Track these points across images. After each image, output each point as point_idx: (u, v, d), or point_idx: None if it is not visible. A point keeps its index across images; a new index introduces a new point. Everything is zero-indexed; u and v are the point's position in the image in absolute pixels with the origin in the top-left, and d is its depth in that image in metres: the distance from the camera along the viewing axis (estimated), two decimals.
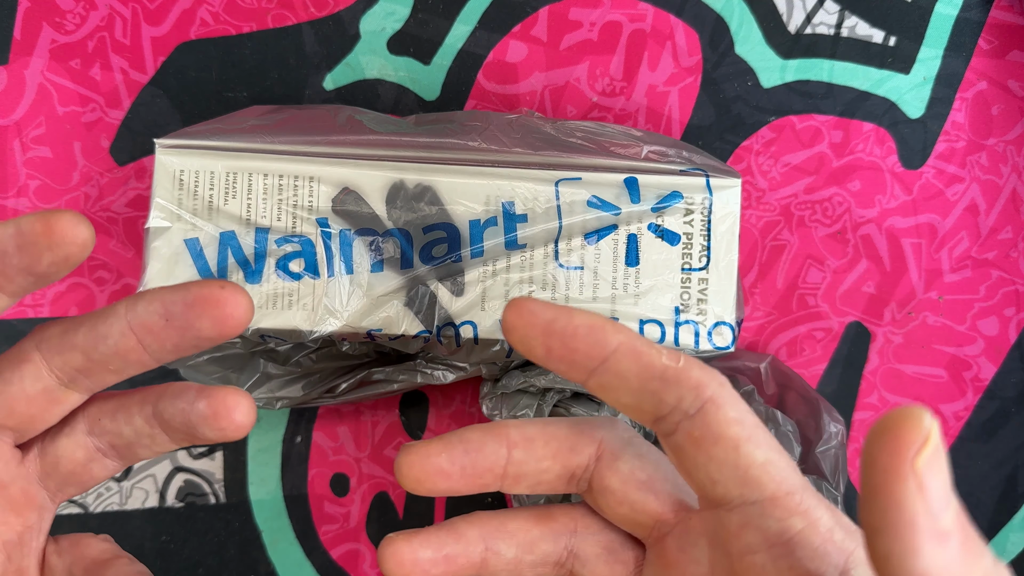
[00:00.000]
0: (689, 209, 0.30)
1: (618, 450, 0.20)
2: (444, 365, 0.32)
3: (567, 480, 0.21)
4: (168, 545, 0.35)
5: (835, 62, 0.37)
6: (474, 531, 0.20)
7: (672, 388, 0.18)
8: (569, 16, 0.36)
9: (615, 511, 0.21)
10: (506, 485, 0.20)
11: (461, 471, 0.20)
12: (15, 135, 0.35)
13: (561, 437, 0.20)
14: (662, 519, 0.20)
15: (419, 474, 0.20)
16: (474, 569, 0.20)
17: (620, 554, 0.21)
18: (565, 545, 0.21)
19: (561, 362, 0.19)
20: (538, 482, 0.20)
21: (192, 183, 0.29)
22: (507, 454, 0.20)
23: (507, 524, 0.21)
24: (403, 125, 0.31)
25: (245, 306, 0.18)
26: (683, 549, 0.20)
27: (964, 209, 0.38)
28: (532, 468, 0.20)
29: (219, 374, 0.31)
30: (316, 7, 0.36)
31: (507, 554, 0.21)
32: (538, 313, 0.18)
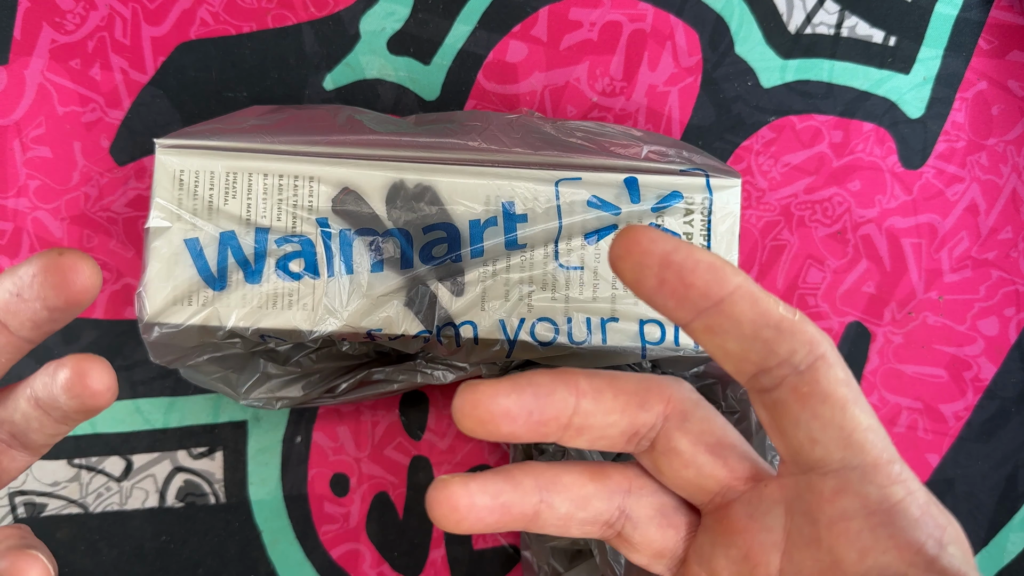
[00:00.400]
0: (689, 209, 0.30)
1: (688, 410, 0.20)
2: (444, 365, 0.32)
3: (629, 438, 0.20)
4: (168, 545, 0.35)
5: (835, 62, 0.37)
6: (530, 481, 0.19)
7: (786, 339, 0.18)
8: (569, 16, 0.36)
9: (678, 474, 0.20)
10: (567, 437, 0.19)
11: (527, 416, 0.18)
12: (15, 135, 0.35)
13: (630, 392, 0.19)
14: (730, 485, 0.20)
15: (483, 415, 0.18)
16: (526, 520, 0.20)
17: (673, 518, 0.21)
18: (618, 505, 0.20)
19: (671, 297, 0.18)
20: (600, 436, 0.19)
21: (192, 183, 0.29)
22: (575, 403, 0.19)
23: (562, 477, 0.20)
24: (403, 125, 0.31)
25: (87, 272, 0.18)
26: (753, 516, 0.19)
27: (964, 209, 0.38)
28: (598, 421, 0.19)
29: (219, 374, 0.31)
30: (316, 7, 0.36)
31: (560, 508, 0.20)
32: (657, 242, 0.17)
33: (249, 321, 0.29)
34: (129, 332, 0.35)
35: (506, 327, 0.29)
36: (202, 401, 0.35)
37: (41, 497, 0.35)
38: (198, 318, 0.28)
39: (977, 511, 0.38)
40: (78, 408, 0.20)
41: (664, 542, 0.20)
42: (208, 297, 0.28)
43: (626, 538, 0.20)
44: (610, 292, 0.29)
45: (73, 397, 0.19)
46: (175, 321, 0.28)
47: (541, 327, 0.29)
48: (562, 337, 0.29)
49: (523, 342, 0.29)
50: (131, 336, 0.35)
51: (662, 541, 0.20)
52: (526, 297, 0.29)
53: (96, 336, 0.35)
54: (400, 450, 0.36)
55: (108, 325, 0.35)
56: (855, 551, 0.17)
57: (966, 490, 0.38)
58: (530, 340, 0.29)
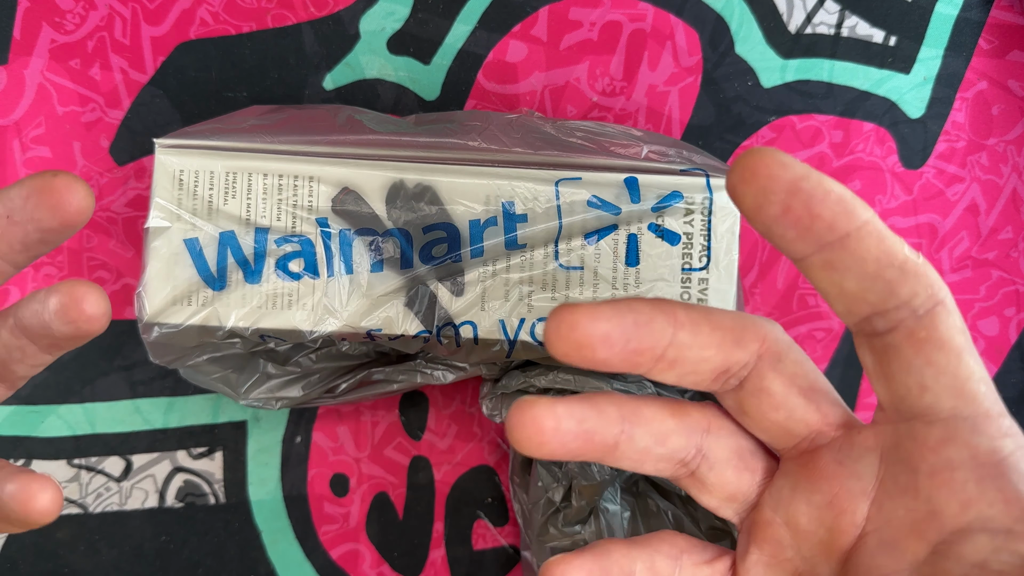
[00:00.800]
0: (689, 209, 0.30)
1: (782, 352, 0.19)
2: (444, 365, 0.32)
3: (718, 375, 0.19)
4: (168, 545, 0.35)
5: (835, 62, 0.37)
6: (614, 410, 0.19)
7: (909, 281, 0.17)
8: (569, 16, 0.36)
9: (766, 416, 0.19)
10: (657, 369, 0.18)
11: (625, 343, 0.18)
12: (15, 135, 0.35)
13: (726, 327, 0.18)
14: (820, 431, 0.19)
15: (581, 338, 0.17)
16: (605, 450, 0.19)
17: (749, 461, 0.20)
18: (696, 444, 0.20)
19: (795, 226, 0.17)
20: (691, 371, 0.19)
21: (192, 183, 0.29)
22: (672, 335, 0.18)
23: (643, 410, 0.19)
24: (403, 125, 0.31)
25: (81, 193, 0.18)
26: (842, 463, 0.19)
27: (964, 209, 0.38)
28: (693, 355, 0.18)
29: (219, 374, 0.31)
30: (316, 7, 0.36)
31: (639, 442, 0.19)
32: (788, 166, 0.16)
33: (249, 321, 0.29)
34: (129, 332, 0.35)
35: (506, 327, 0.29)
36: (202, 401, 0.35)
37: None
38: (198, 318, 0.28)
39: None
40: (71, 334, 0.19)
41: (738, 485, 0.20)
42: (208, 297, 0.28)
43: (700, 479, 0.20)
44: (610, 292, 0.29)
45: (67, 323, 0.19)
46: (175, 321, 0.28)
47: (541, 327, 0.29)
48: None
49: (523, 342, 0.29)
50: (131, 336, 0.35)
51: (736, 484, 0.20)
52: (526, 297, 0.29)
53: (96, 336, 0.35)
54: (400, 450, 0.36)
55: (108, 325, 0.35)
56: (957, 502, 0.17)
57: None
58: (530, 340, 0.29)
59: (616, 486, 0.32)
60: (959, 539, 0.17)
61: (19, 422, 0.35)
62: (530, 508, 0.33)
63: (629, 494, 0.33)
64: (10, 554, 0.34)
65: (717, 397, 0.20)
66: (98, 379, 0.35)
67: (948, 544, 0.17)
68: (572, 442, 0.18)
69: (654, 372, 0.19)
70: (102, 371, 0.35)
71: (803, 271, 0.18)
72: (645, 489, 0.33)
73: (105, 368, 0.35)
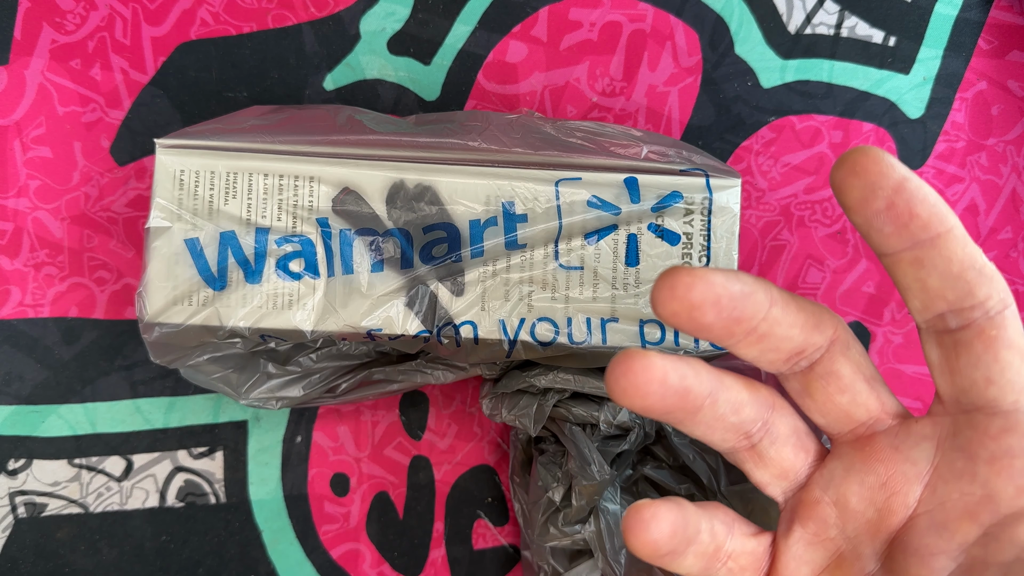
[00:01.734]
0: (689, 209, 0.30)
1: (850, 341, 0.20)
2: (444, 365, 0.32)
3: (793, 355, 0.20)
4: (168, 545, 0.35)
5: (835, 62, 0.37)
6: (707, 374, 0.20)
7: (986, 284, 0.18)
8: (569, 16, 0.36)
9: (831, 398, 0.21)
10: (747, 342, 0.20)
11: (732, 309, 0.19)
12: (15, 135, 0.35)
13: (809, 311, 0.20)
14: (879, 417, 0.21)
15: (696, 299, 0.18)
16: (693, 411, 0.20)
17: (806, 442, 0.21)
18: (764, 417, 0.21)
19: (895, 223, 0.18)
20: (774, 348, 0.20)
21: (192, 183, 0.29)
22: (767, 309, 0.19)
23: (724, 379, 0.20)
24: (403, 125, 0.31)
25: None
26: (898, 448, 0.20)
27: (964, 209, 0.38)
28: (780, 332, 0.20)
29: (219, 374, 0.31)
30: (316, 7, 0.36)
31: (720, 407, 0.20)
32: (896, 167, 0.18)
33: (249, 321, 0.29)
34: (129, 332, 0.35)
35: (506, 327, 0.29)
36: (202, 401, 0.35)
37: (41, 497, 0.35)
38: (198, 318, 0.28)
39: None
40: None
41: (793, 462, 0.21)
42: (208, 297, 0.29)
43: (760, 452, 0.21)
44: (610, 292, 0.29)
45: None
46: (175, 321, 0.28)
47: (541, 327, 0.29)
48: (562, 337, 0.29)
49: (523, 342, 0.29)
50: (131, 336, 0.35)
51: (792, 461, 0.21)
52: (526, 297, 0.29)
53: (96, 336, 0.35)
54: (400, 450, 0.36)
55: (108, 325, 0.35)
56: (1014, 487, 0.18)
57: None
58: (530, 340, 0.29)
59: (616, 486, 0.32)
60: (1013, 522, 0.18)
61: (20, 422, 0.35)
62: (530, 508, 0.33)
63: (629, 494, 0.33)
64: (11, 554, 0.34)
65: (781, 380, 0.21)
66: (99, 379, 0.35)
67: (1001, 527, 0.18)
68: (671, 396, 0.19)
69: (742, 345, 0.20)
70: (103, 371, 0.35)
71: (888, 266, 0.19)
72: (645, 489, 0.33)
73: (106, 368, 0.35)
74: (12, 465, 0.35)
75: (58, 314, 0.35)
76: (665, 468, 0.33)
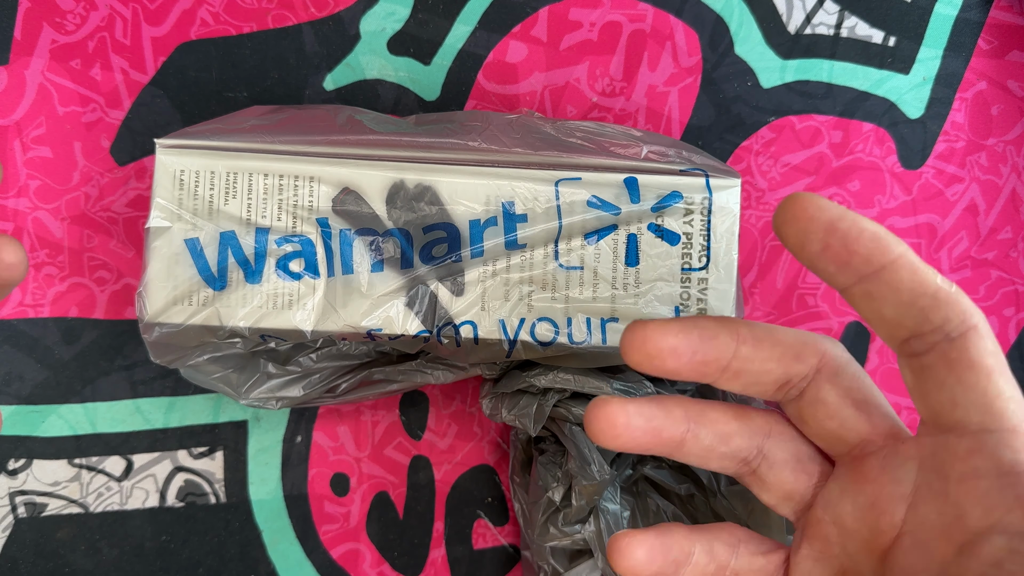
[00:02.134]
0: (689, 209, 0.30)
1: (839, 367, 0.21)
2: (444, 365, 0.32)
3: (780, 385, 0.21)
4: (168, 545, 0.35)
5: (835, 62, 0.37)
6: (680, 410, 0.21)
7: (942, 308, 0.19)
8: (569, 16, 0.36)
9: (822, 424, 0.21)
10: (724, 379, 0.21)
11: (692, 355, 0.20)
12: (15, 135, 0.35)
13: (788, 343, 0.21)
14: (869, 439, 0.21)
15: (652, 350, 0.20)
16: (673, 446, 0.21)
17: (807, 465, 0.22)
18: (758, 445, 0.22)
19: (834, 262, 0.19)
20: (755, 382, 0.21)
21: (192, 183, 0.29)
22: (735, 348, 0.20)
23: (708, 412, 0.21)
24: (403, 125, 0.31)
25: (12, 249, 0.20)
26: (885, 469, 0.20)
27: (964, 209, 0.38)
28: (755, 367, 0.21)
29: (219, 374, 0.31)
30: (316, 7, 0.36)
31: (704, 440, 0.21)
32: (825, 209, 0.19)
33: (249, 321, 0.29)
34: (129, 332, 0.35)
35: (506, 327, 0.29)
36: (202, 401, 0.35)
37: (41, 497, 0.35)
38: (198, 318, 0.28)
39: None
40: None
41: (795, 485, 0.22)
42: (208, 297, 0.29)
43: (760, 477, 0.22)
44: (610, 292, 0.29)
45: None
46: (175, 321, 0.28)
47: (541, 327, 0.29)
48: (562, 337, 0.29)
49: (523, 342, 0.29)
50: (131, 336, 0.35)
51: (793, 484, 0.22)
52: (526, 297, 0.29)
53: (96, 336, 0.35)
54: (400, 450, 0.36)
55: (108, 325, 0.35)
56: (981, 507, 0.18)
57: None
58: (530, 340, 0.29)
59: (616, 486, 0.32)
60: (980, 540, 0.18)
61: (20, 422, 0.35)
62: (530, 508, 0.33)
63: (629, 494, 0.33)
64: (11, 554, 0.34)
65: (781, 406, 0.22)
66: (99, 379, 0.35)
67: (971, 544, 0.18)
68: (641, 437, 0.21)
69: (721, 381, 0.21)
70: (103, 371, 0.35)
71: (848, 300, 0.20)
72: (645, 489, 0.33)
73: (106, 368, 0.35)
74: (12, 465, 0.35)
75: (58, 314, 0.35)
76: (665, 468, 0.33)
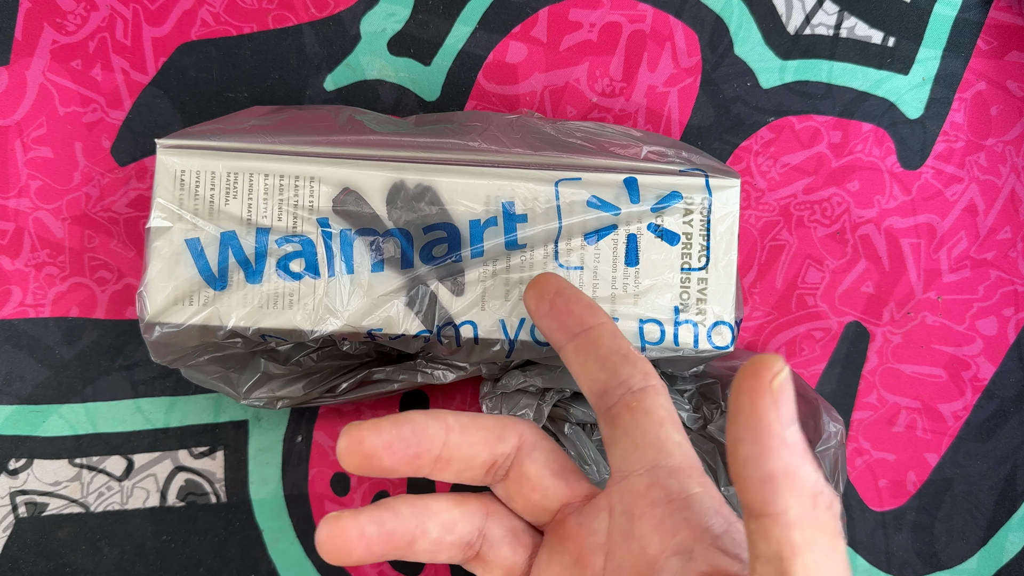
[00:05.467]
0: (688, 209, 0.30)
1: (536, 443, 0.23)
2: (444, 365, 0.32)
3: (488, 468, 0.23)
4: (169, 544, 0.35)
5: (834, 63, 0.37)
6: (407, 509, 0.22)
7: (628, 365, 0.23)
8: (569, 17, 0.36)
9: (527, 498, 0.23)
10: (437, 469, 0.22)
11: (406, 449, 0.21)
12: (16, 135, 0.35)
13: (490, 427, 0.23)
14: (569, 502, 0.23)
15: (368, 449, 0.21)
16: (405, 546, 0.22)
17: (522, 538, 0.24)
18: (479, 527, 0.23)
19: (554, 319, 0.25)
20: (466, 468, 0.23)
21: (193, 183, 0.29)
22: (445, 437, 0.22)
23: (431, 505, 0.23)
24: (403, 125, 0.31)
25: None
26: (582, 524, 0.22)
27: (963, 209, 0.38)
28: (464, 453, 0.22)
29: (220, 374, 0.31)
30: (317, 8, 0.36)
31: (432, 533, 0.22)
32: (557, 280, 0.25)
33: (250, 321, 0.29)
34: (130, 332, 0.35)
35: (506, 327, 0.29)
36: (203, 401, 0.36)
37: (42, 497, 0.35)
38: (199, 318, 0.29)
39: (976, 510, 0.38)
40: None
41: (514, 559, 0.23)
42: (209, 297, 0.29)
43: (483, 557, 0.23)
44: (610, 292, 0.29)
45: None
46: (176, 321, 0.29)
47: None
48: None
49: (523, 342, 0.29)
50: (132, 336, 0.35)
51: (512, 559, 0.23)
52: None
53: (97, 336, 0.35)
54: None
55: (109, 325, 0.35)
56: (658, 535, 0.21)
57: (965, 489, 0.38)
58: (530, 340, 0.29)
59: None
60: (661, 566, 0.20)
61: (21, 421, 0.35)
62: None
63: None
64: (12, 553, 0.35)
65: (492, 489, 0.24)
66: (100, 379, 0.35)
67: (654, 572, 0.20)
68: (376, 545, 0.22)
69: (435, 472, 0.22)
70: (104, 371, 0.35)
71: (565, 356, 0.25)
72: None
73: (107, 368, 0.35)
74: (13, 465, 0.35)
75: (59, 314, 0.35)
76: None
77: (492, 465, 0.23)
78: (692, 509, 0.21)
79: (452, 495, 0.23)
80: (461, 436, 0.22)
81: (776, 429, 0.17)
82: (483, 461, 0.23)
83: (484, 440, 0.23)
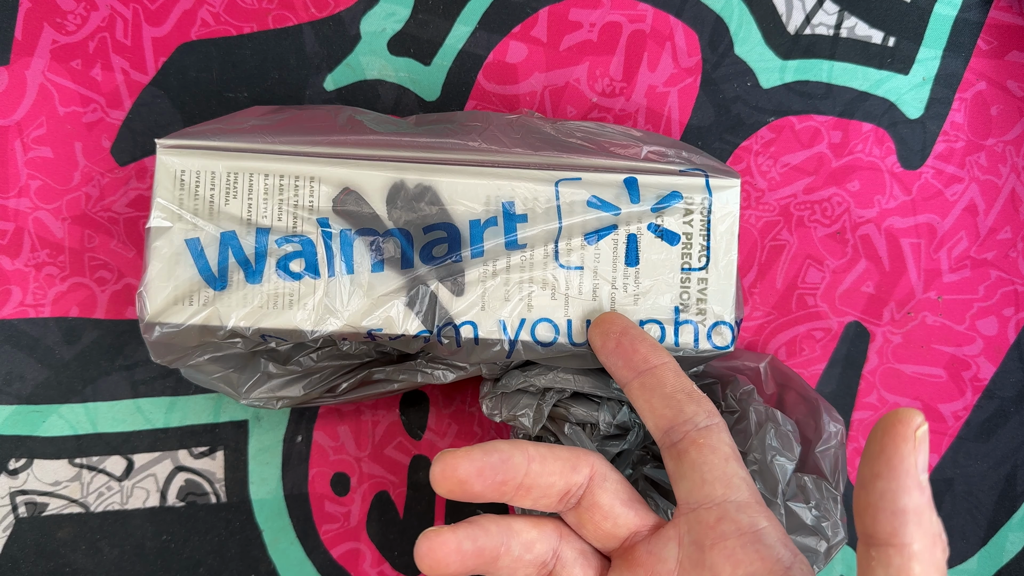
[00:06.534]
0: (689, 209, 0.30)
1: (606, 474, 0.25)
2: (444, 365, 0.32)
3: (563, 496, 0.24)
4: (169, 544, 0.35)
5: (834, 63, 0.37)
6: (495, 527, 0.24)
7: (694, 404, 0.25)
8: (569, 17, 0.36)
9: (598, 526, 0.25)
10: (518, 495, 0.24)
11: (494, 476, 0.23)
12: (16, 135, 0.35)
13: (565, 458, 0.24)
14: (638, 531, 0.25)
15: (462, 475, 0.23)
16: (491, 562, 0.24)
17: (592, 561, 0.25)
18: (554, 548, 0.25)
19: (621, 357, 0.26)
20: (543, 495, 0.24)
21: (193, 183, 0.29)
22: (527, 466, 0.23)
23: (513, 525, 0.24)
24: (403, 125, 0.31)
25: None
26: (651, 552, 0.24)
27: (963, 209, 0.38)
28: (544, 481, 0.24)
29: (220, 374, 0.31)
30: (317, 8, 0.36)
31: (514, 551, 0.24)
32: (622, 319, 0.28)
33: (250, 321, 0.29)
34: (130, 332, 0.35)
35: (506, 327, 0.29)
36: (203, 401, 0.36)
37: (42, 497, 0.35)
38: (199, 318, 0.29)
39: (976, 510, 0.38)
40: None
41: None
42: (209, 297, 0.29)
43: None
44: (610, 292, 0.29)
45: None
46: (176, 321, 0.29)
47: (541, 327, 0.29)
48: (562, 337, 0.29)
49: (523, 342, 0.29)
50: (132, 336, 0.35)
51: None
52: (526, 297, 0.29)
53: (97, 336, 0.35)
54: (400, 450, 0.36)
55: (109, 325, 0.35)
56: (730, 565, 0.22)
57: (965, 489, 0.38)
58: (530, 340, 0.29)
59: None
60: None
61: (21, 421, 0.35)
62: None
63: None
64: (12, 553, 0.35)
65: (562, 516, 0.26)
66: (100, 379, 0.35)
67: None
68: (470, 560, 0.23)
69: (516, 499, 0.24)
70: (104, 371, 0.35)
71: (630, 392, 0.26)
72: (645, 488, 0.33)
73: (107, 368, 0.35)
74: (13, 465, 0.35)
75: (59, 314, 0.35)
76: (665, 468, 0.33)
77: (566, 493, 0.24)
78: (763, 542, 0.23)
79: (530, 517, 0.25)
80: (541, 465, 0.24)
81: (914, 472, 0.19)
82: (559, 489, 0.24)
83: (560, 470, 0.24)
